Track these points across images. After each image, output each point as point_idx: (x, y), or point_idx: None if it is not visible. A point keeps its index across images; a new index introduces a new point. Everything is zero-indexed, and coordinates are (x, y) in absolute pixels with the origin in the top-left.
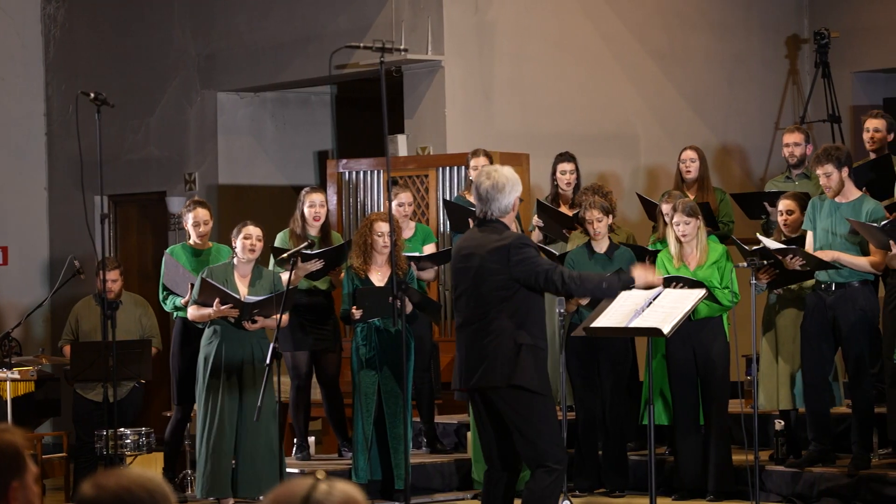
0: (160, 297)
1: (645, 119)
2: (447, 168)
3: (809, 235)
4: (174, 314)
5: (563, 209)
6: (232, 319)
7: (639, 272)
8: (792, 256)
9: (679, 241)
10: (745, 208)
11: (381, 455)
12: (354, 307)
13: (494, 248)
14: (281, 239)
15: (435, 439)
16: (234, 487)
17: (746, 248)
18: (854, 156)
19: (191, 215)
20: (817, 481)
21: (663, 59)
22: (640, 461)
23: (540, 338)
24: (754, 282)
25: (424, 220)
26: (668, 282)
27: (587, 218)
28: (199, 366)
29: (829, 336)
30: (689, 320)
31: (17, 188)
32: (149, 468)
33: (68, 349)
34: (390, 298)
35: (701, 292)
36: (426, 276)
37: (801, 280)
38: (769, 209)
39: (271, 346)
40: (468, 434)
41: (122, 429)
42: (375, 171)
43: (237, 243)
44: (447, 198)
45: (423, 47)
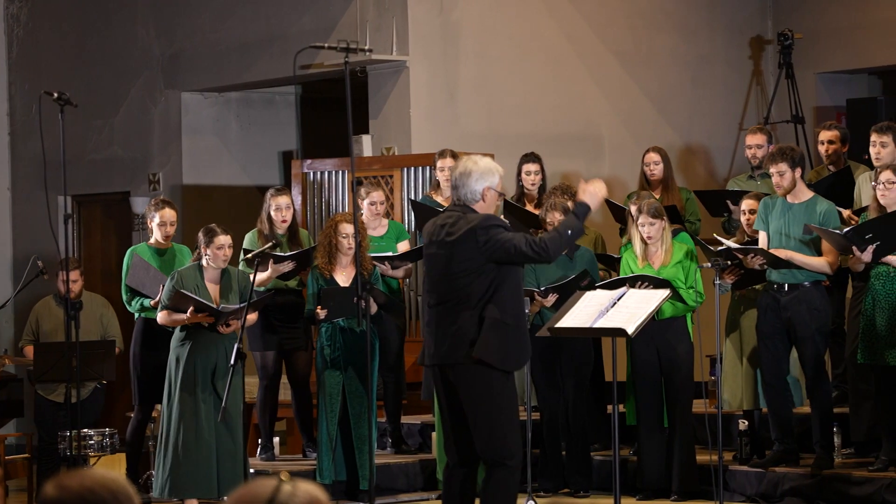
0: (124, 297)
1: (609, 119)
2: (412, 168)
3: (762, 235)
4: (137, 314)
5: (529, 209)
6: (206, 325)
7: (587, 193)
8: (752, 255)
9: (644, 242)
10: (708, 205)
11: (346, 455)
12: (319, 307)
13: (463, 231)
14: (249, 239)
15: (400, 440)
16: (196, 488)
17: (711, 248)
18: (815, 157)
19: (157, 215)
20: (781, 481)
21: (628, 60)
22: (604, 461)
23: (509, 314)
24: (718, 282)
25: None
26: (634, 281)
27: (548, 220)
28: (169, 367)
29: (783, 336)
30: (653, 320)
31: None
32: (112, 469)
33: (30, 350)
34: (355, 299)
35: (665, 292)
36: (399, 274)
37: (766, 280)
38: (731, 207)
39: (235, 347)
40: (433, 434)
41: (85, 429)
42: (340, 172)
43: (208, 252)
44: (412, 198)
45: (388, 48)
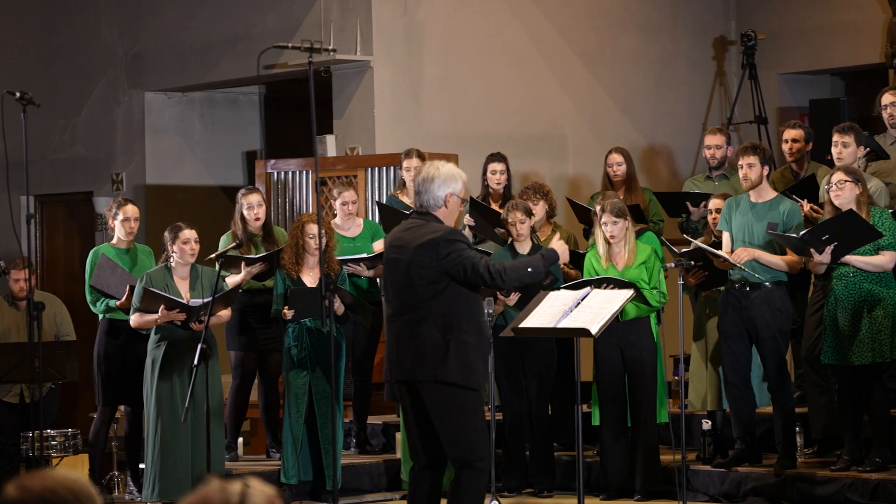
0: (88, 298)
1: (573, 120)
2: (376, 168)
3: (726, 236)
4: (101, 315)
5: (494, 208)
6: (178, 323)
7: (560, 247)
8: (724, 260)
9: (607, 242)
10: (666, 206)
11: (312, 456)
12: (286, 307)
13: (425, 241)
14: (224, 242)
15: (365, 440)
16: (179, 489)
17: (675, 249)
18: (779, 157)
19: (120, 211)
20: (744, 481)
21: (591, 60)
22: (567, 461)
23: (470, 332)
24: (682, 282)
25: None
26: (598, 282)
27: (510, 220)
28: (146, 370)
29: (745, 336)
30: (617, 321)
31: None
32: (75, 470)
33: None
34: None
35: (629, 293)
36: (369, 274)
37: (728, 281)
38: (691, 209)
39: (199, 348)
40: (397, 434)
41: (48, 430)
42: (304, 172)
43: (175, 248)
44: (376, 198)
45: (352, 48)
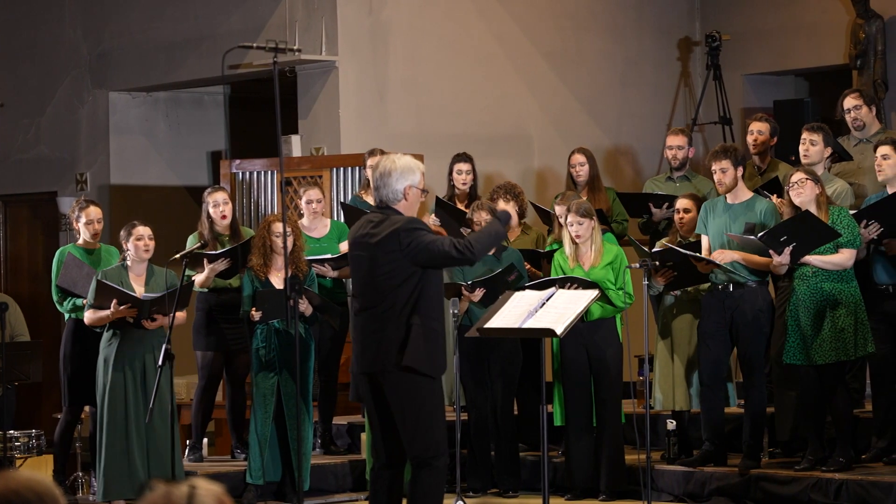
0: (55, 298)
1: (538, 120)
2: (341, 169)
3: (705, 239)
4: (67, 315)
5: (461, 208)
6: (131, 320)
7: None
8: (706, 262)
9: (574, 242)
10: (629, 207)
11: (279, 456)
12: (254, 309)
13: (387, 234)
14: (191, 242)
15: (330, 441)
16: (127, 489)
17: (645, 248)
18: None
19: (83, 214)
20: (708, 480)
21: (557, 61)
22: (532, 461)
23: (434, 318)
24: (647, 283)
25: None
26: (562, 282)
27: (475, 220)
28: (98, 368)
29: (725, 337)
30: (582, 321)
31: None
32: (39, 471)
33: None
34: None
35: (594, 293)
36: (334, 275)
37: (699, 283)
38: (653, 210)
39: (164, 348)
40: (362, 435)
41: (11, 431)
42: (269, 172)
43: (129, 245)
44: (342, 198)
45: (317, 48)
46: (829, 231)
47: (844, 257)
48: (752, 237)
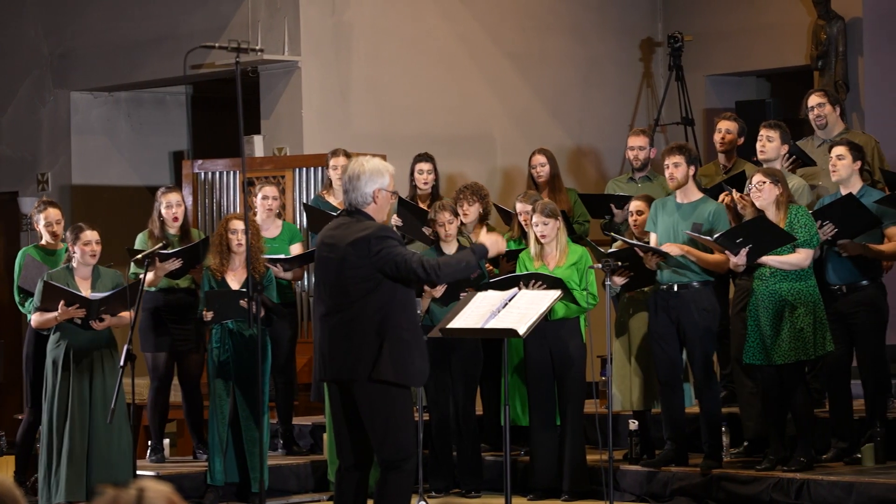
0: (17, 299)
1: (501, 120)
2: (304, 169)
3: (653, 237)
4: (29, 316)
5: (423, 207)
6: (79, 321)
7: (488, 240)
8: (653, 254)
9: (539, 242)
10: (590, 208)
11: (238, 457)
12: (205, 309)
13: (356, 238)
14: (140, 241)
15: (291, 441)
16: (68, 492)
17: (601, 249)
18: (705, 157)
19: (42, 216)
20: (670, 480)
21: (519, 61)
22: (494, 461)
23: (405, 328)
24: (608, 283)
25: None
26: (528, 279)
27: (437, 220)
28: (46, 370)
29: (674, 336)
30: (546, 320)
31: None
32: (0, 472)
33: None
34: (242, 301)
35: (556, 293)
36: (289, 276)
37: (655, 283)
38: (615, 210)
39: (125, 348)
40: (324, 436)
41: None
42: (231, 172)
43: (76, 250)
44: (304, 198)
45: (280, 48)
46: (784, 235)
47: (801, 257)
48: (708, 238)
